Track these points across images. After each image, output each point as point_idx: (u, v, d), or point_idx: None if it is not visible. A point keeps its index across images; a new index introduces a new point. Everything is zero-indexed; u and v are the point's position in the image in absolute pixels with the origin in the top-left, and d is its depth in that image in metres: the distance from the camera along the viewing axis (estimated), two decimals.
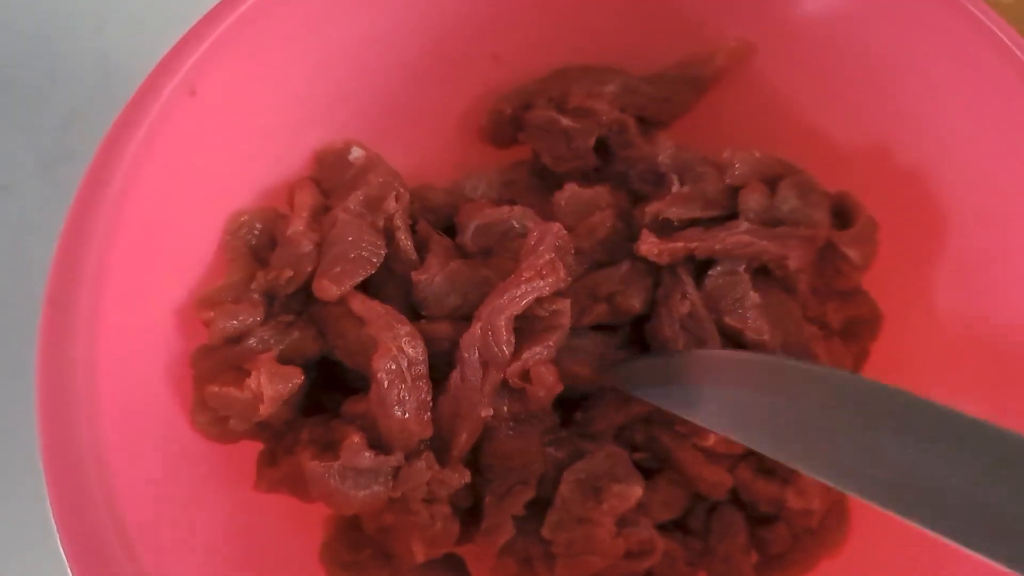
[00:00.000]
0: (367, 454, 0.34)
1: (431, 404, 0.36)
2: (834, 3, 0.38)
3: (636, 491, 0.36)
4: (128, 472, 0.32)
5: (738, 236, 0.37)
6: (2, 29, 0.57)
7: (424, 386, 0.36)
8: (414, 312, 0.38)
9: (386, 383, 0.35)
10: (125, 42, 0.56)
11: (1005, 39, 0.35)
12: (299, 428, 0.38)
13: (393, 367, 0.35)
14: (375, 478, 0.35)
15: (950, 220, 0.38)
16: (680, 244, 0.37)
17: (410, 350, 0.36)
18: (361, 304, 0.36)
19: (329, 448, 0.36)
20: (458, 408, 0.35)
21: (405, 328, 0.36)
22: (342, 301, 0.37)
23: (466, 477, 0.36)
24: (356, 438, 0.35)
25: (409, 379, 0.35)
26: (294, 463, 0.36)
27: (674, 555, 0.38)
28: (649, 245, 0.37)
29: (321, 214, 0.39)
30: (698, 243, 0.37)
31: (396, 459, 0.35)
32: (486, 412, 0.35)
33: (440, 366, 0.36)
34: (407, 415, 0.35)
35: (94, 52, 0.56)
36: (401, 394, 0.35)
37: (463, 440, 0.36)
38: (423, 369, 0.36)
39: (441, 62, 0.43)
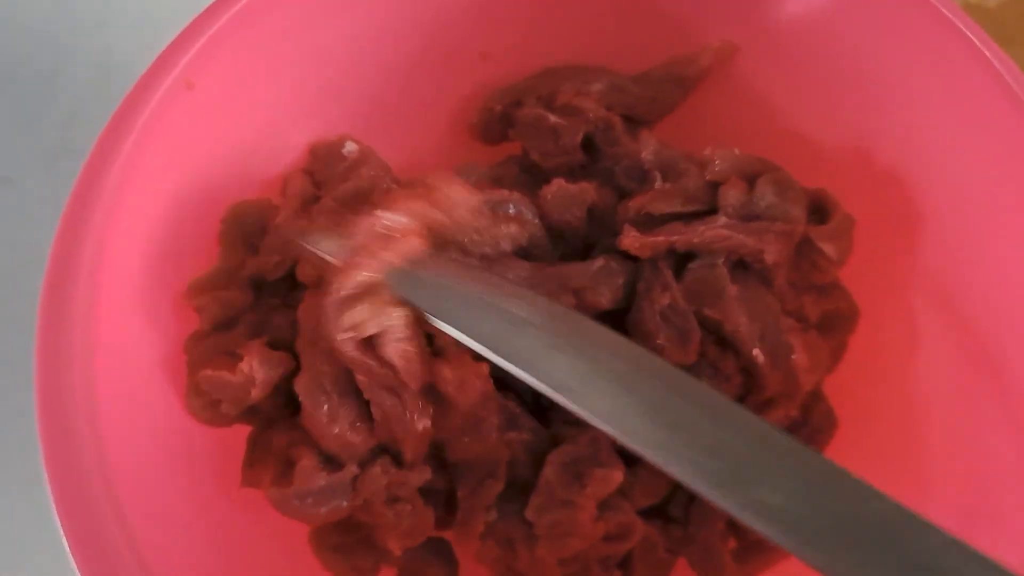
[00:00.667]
0: (321, 475, 0.35)
1: (369, 414, 0.36)
2: (816, 6, 0.39)
3: (617, 476, 0.37)
4: (126, 458, 0.33)
5: (716, 230, 0.38)
6: (6, 26, 0.58)
7: (353, 401, 0.36)
8: None
9: (310, 403, 0.36)
10: (127, 40, 0.57)
11: (980, 46, 0.36)
12: (271, 431, 0.39)
13: (313, 386, 0.36)
14: (334, 493, 0.35)
15: (925, 218, 0.39)
16: (661, 238, 0.38)
17: (327, 367, 0.36)
18: (302, 310, 0.37)
19: (289, 466, 0.36)
20: (392, 430, 0.36)
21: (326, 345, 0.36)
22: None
23: (426, 475, 0.36)
24: (307, 460, 0.35)
25: (335, 395, 0.36)
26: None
27: (654, 540, 0.39)
28: (631, 239, 0.38)
29: (311, 203, 0.40)
30: (678, 236, 0.38)
31: (350, 471, 0.35)
32: (423, 426, 0.36)
33: None
34: (342, 431, 0.36)
35: (96, 49, 0.57)
36: (331, 411, 0.36)
37: (410, 454, 0.36)
38: (348, 384, 0.36)
39: (433, 60, 0.44)
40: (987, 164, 0.36)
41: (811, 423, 0.40)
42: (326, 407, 0.36)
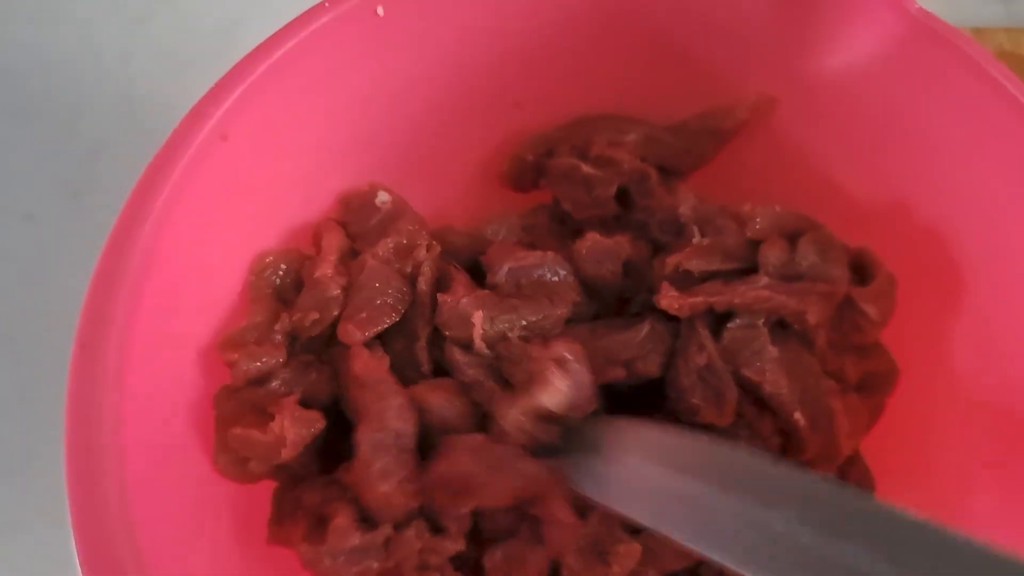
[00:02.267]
0: (356, 534, 0.35)
1: (418, 475, 0.36)
2: (855, 60, 0.38)
3: (637, 548, 0.36)
4: (150, 511, 0.33)
5: (757, 291, 0.37)
6: (31, 61, 0.58)
7: (410, 459, 0.36)
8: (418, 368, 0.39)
9: (370, 455, 0.35)
10: (150, 75, 0.57)
11: (1020, 98, 0.36)
12: (302, 487, 0.38)
13: (378, 439, 0.35)
14: (366, 554, 0.35)
15: (967, 277, 0.38)
16: (700, 298, 0.38)
17: (398, 424, 0.36)
18: (363, 365, 0.37)
19: (321, 523, 0.36)
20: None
21: (397, 400, 0.36)
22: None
23: (460, 545, 0.36)
24: (342, 518, 0.35)
25: (395, 451, 0.35)
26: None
27: None
28: (670, 299, 0.38)
29: (349, 258, 0.39)
30: (718, 297, 0.38)
31: (384, 532, 0.35)
32: None
33: (432, 435, 0.37)
34: (390, 488, 0.35)
35: (120, 84, 0.57)
36: (386, 467, 0.35)
37: (455, 524, 0.36)
38: (410, 442, 0.36)
39: (465, 108, 0.43)
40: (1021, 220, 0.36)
41: (847, 484, 0.39)
42: (384, 461, 0.35)
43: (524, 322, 0.38)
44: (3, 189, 0.55)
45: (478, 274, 0.41)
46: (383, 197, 0.42)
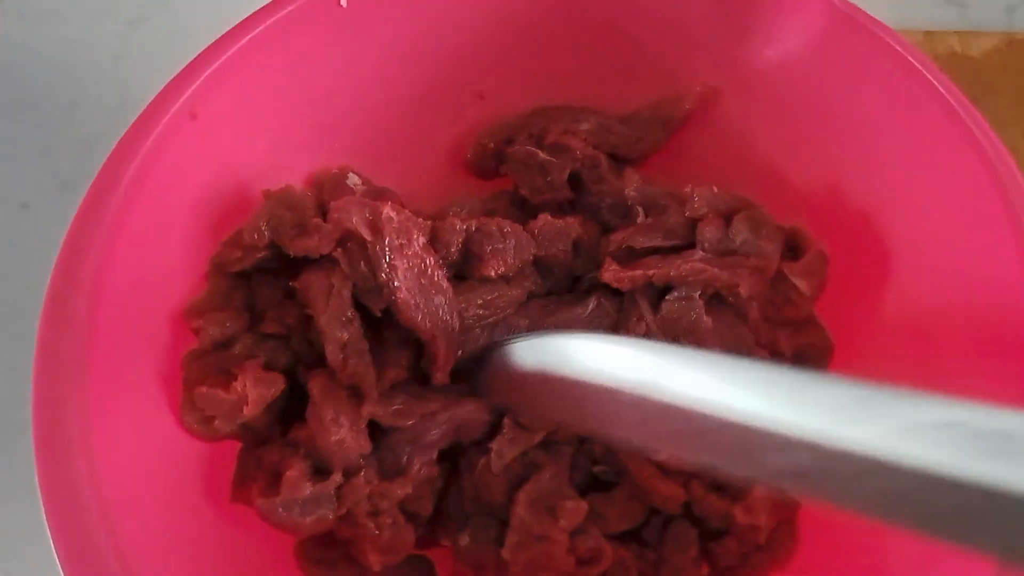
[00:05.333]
0: (307, 484, 0.37)
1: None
2: (789, 51, 0.41)
3: (584, 505, 0.39)
4: (116, 469, 0.35)
5: (692, 263, 0.39)
6: (28, 58, 0.61)
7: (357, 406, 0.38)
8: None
9: (320, 401, 0.37)
10: (142, 73, 0.59)
11: (948, 96, 0.38)
12: (263, 448, 0.40)
13: (327, 386, 0.38)
14: (319, 503, 0.37)
15: (896, 256, 0.40)
16: (639, 272, 0.40)
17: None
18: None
19: (278, 478, 0.38)
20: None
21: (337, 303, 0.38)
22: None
23: (407, 489, 0.38)
24: (295, 471, 0.37)
25: (344, 397, 0.38)
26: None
27: (628, 564, 0.40)
28: (611, 272, 0.40)
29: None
30: (656, 270, 0.40)
31: (335, 480, 0.37)
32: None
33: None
34: (343, 435, 0.37)
35: (114, 81, 0.60)
36: (336, 414, 0.37)
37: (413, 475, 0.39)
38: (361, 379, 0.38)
39: (429, 98, 0.46)
40: (951, 206, 0.38)
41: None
42: (334, 408, 0.37)
43: (480, 301, 0.41)
44: (0, 179, 0.58)
45: None
46: (354, 179, 0.44)
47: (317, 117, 0.43)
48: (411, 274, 0.38)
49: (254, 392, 0.38)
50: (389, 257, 0.37)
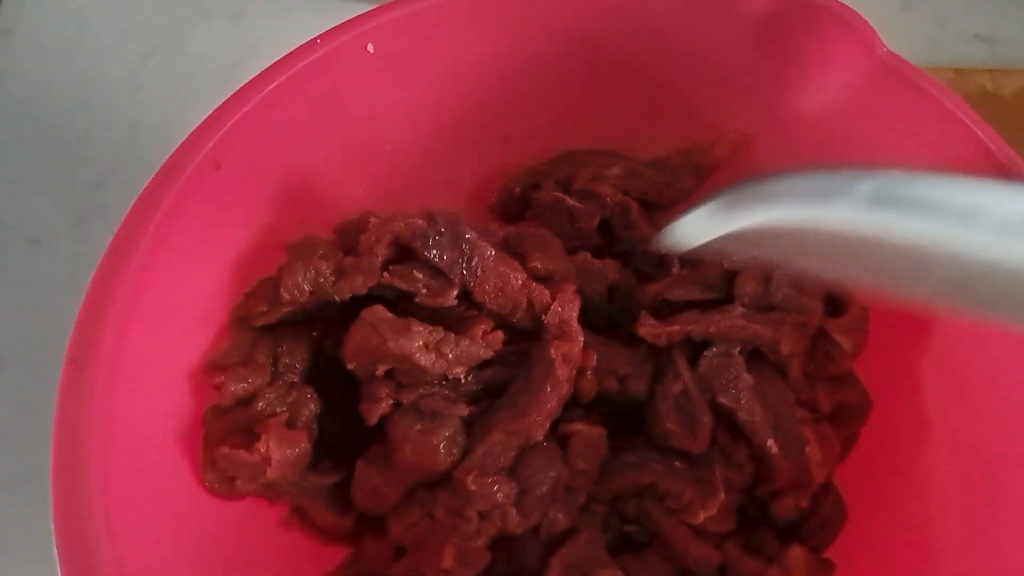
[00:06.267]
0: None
1: None
2: (828, 100, 0.40)
3: (619, 574, 0.38)
4: (134, 529, 0.34)
5: (733, 319, 0.38)
6: (42, 92, 0.60)
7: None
8: None
9: None
10: (155, 109, 0.59)
11: (991, 145, 0.37)
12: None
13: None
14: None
15: (936, 311, 0.39)
16: (677, 327, 0.39)
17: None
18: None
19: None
20: None
21: None
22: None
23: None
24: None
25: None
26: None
27: None
28: (648, 328, 0.39)
29: None
30: (694, 325, 0.39)
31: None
32: None
33: None
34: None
35: (126, 117, 0.59)
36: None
37: None
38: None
39: (454, 142, 0.45)
40: None
41: (820, 513, 0.40)
42: None
43: None
44: (12, 215, 0.57)
45: None
46: None
47: (340, 163, 0.42)
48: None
49: (277, 452, 0.37)
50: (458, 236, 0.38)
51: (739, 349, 0.39)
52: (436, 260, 0.37)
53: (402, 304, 0.39)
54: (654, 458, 0.40)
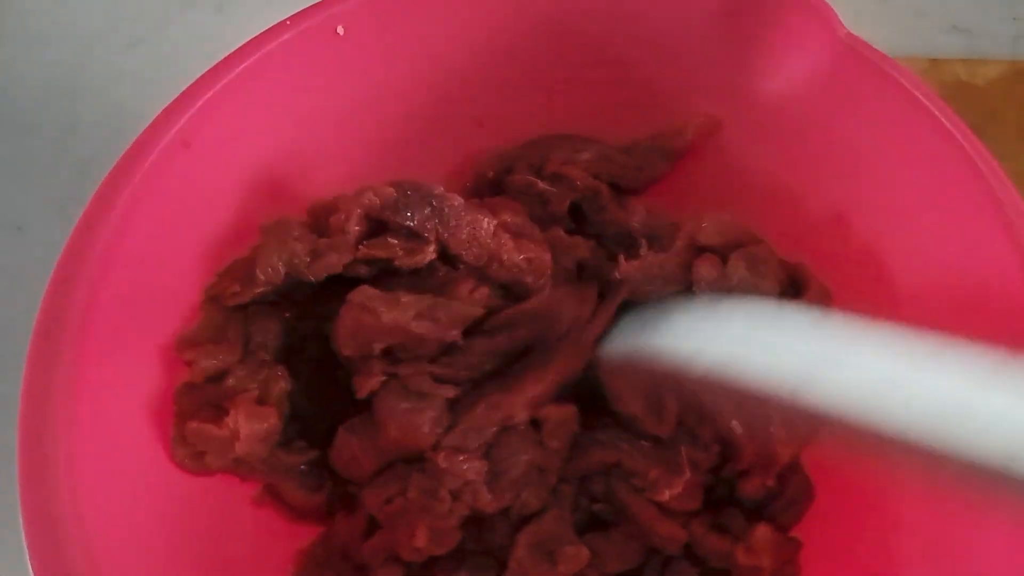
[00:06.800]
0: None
1: None
2: (792, 82, 0.40)
3: (585, 552, 0.38)
4: (102, 503, 0.34)
5: None
6: (26, 80, 0.60)
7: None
8: None
9: None
10: (140, 96, 0.59)
11: (952, 128, 0.38)
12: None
13: None
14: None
15: (900, 291, 0.39)
16: None
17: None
18: None
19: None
20: None
21: None
22: None
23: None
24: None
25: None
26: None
27: None
28: None
29: None
30: None
31: None
32: None
33: None
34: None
35: (111, 105, 0.59)
36: None
37: None
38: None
39: (427, 125, 0.45)
40: (953, 240, 0.37)
41: (787, 493, 0.40)
42: None
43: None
44: None
45: None
46: None
47: (311, 145, 0.43)
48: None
49: (246, 427, 0.38)
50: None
51: None
52: (409, 222, 0.38)
53: (383, 281, 0.40)
54: (621, 437, 0.40)
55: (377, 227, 0.39)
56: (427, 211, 0.39)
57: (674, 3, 0.41)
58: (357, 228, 0.39)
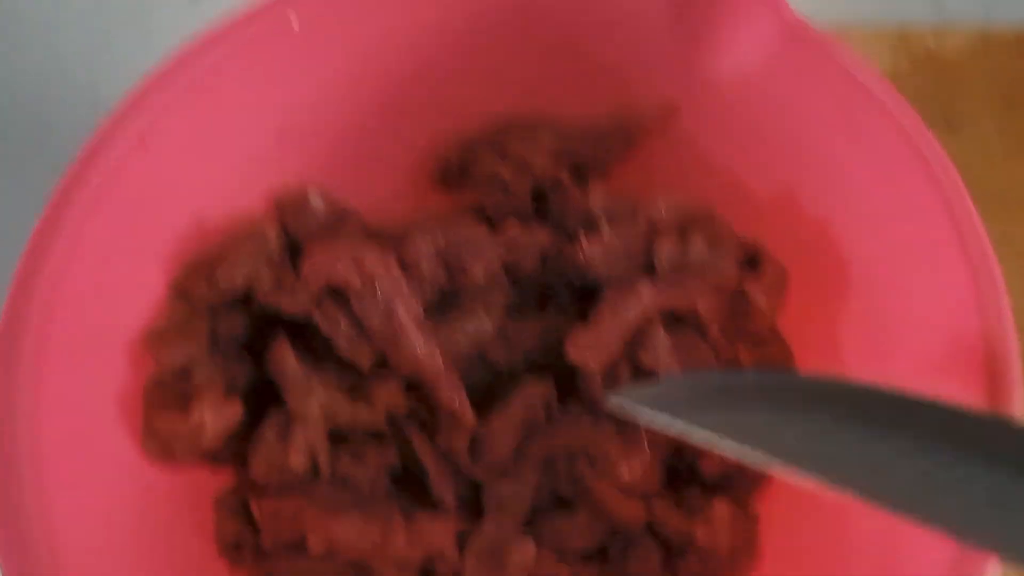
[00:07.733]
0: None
1: None
2: (742, 65, 0.40)
3: (531, 547, 0.39)
4: (71, 499, 0.35)
5: (644, 304, 0.39)
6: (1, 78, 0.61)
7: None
8: None
9: None
10: (116, 91, 0.59)
11: (893, 109, 0.38)
12: None
13: None
14: None
15: (854, 270, 0.40)
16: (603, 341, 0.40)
17: None
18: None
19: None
20: None
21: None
22: None
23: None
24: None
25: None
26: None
27: None
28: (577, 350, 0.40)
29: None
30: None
31: None
32: None
33: None
34: None
35: (86, 101, 0.60)
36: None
37: None
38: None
39: (389, 113, 0.45)
40: (901, 218, 0.38)
41: (746, 471, 0.41)
42: None
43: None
44: None
45: None
46: (316, 201, 0.44)
47: (272, 139, 0.43)
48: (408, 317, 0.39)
49: (212, 421, 0.38)
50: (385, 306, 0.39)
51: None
52: (362, 318, 0.39)
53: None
54: (583, 417, 0.41)
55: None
56: (383, 325, 0.39)
57: None
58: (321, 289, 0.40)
